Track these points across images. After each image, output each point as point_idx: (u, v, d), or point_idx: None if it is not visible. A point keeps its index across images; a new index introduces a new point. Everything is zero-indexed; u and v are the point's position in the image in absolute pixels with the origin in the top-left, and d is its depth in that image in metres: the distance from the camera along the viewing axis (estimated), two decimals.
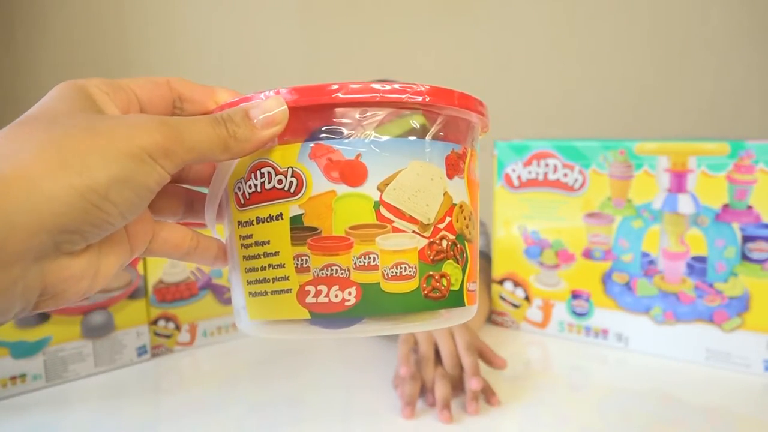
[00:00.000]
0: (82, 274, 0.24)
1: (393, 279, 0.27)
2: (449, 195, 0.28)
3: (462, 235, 0.29)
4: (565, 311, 0.73)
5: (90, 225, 0.22)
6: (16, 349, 0.58)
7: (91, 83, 0.26)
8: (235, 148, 0.26)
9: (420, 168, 0.28)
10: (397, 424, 0.52)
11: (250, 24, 1.38)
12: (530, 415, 0.53)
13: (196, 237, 0.30)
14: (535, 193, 0.73)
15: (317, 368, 0.65)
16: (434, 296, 0.28)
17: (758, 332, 0.61)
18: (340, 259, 0.27)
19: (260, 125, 0.26)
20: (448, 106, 0.28)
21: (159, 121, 0.23)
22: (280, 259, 0.28)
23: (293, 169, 0.27)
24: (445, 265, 0.28)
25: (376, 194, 0.27)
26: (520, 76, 1.25)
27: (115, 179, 0.22)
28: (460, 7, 1.29)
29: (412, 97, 0.27)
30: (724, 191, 0.61)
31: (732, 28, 1.11)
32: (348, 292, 0.27)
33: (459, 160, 0.29)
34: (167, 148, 0.23)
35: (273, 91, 0.27)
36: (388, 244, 0.27)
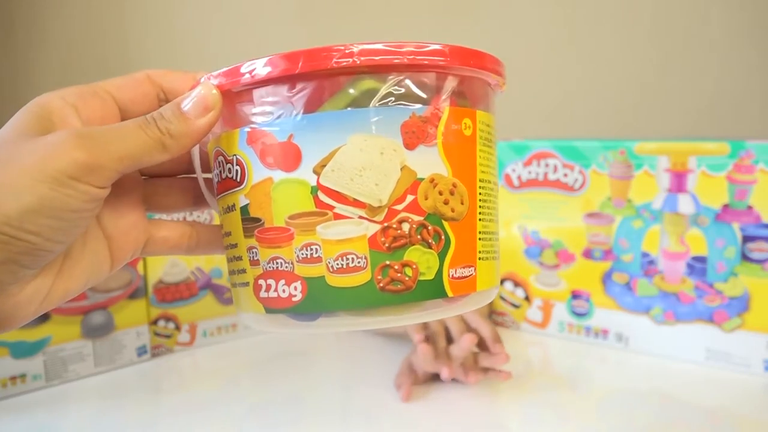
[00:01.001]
0: (29, 300, 0.23)
1: (339, 272, 0.24)
2: (410, 169, 0.24)
3: (437, 214, 0.25)
4: (565, 311, 0.73)
5: (21, 254, 0.22)
6: (16, 349, 0.58)
7: (57, 96, 0.25)
8: (174, 145, 0.24)
9: (363, 142, 0.24)
10: (398, 424, 0.52)
11: (250, 24, 1.38)
12: (530, 415, 0.53)
13: (195, 232, 0.30)
14: (535, 193, 0.73)
15: (317, 368, 0.65)
16: (394, 289, 0.24)
17: (758, 332, 0.61)
18: (283, 252, 0.25)
19: (194, 115, 0.25)
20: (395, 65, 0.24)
21: (79, 136, 0.22)
22: (239, 251, 0.26)
23: (236, 156, 0.25)
24: (409, 252, 0.24)
25: (312, 178, 0.24)
26: (520, 76, 1.25)
27: (26, 209, 0.21)
28: (460, 7, 1.29)
29: (340, 61, 0.23)
30: (724, 191, 0.61)
31: (732, 28, 1.11)
32: (294, 287, 0.25)
33: (425, 125, 0.24)
34: (92, 163, 0.22)
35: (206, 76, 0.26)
36: (330, 233, 0.24)
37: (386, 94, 0.24)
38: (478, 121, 0.26)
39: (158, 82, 0.28)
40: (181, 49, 1.41)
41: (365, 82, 0.24)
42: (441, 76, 0.25)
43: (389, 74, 0.24)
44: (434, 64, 0.24)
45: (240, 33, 1.39)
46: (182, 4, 1.40)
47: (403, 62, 0.24)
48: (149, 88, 0.28)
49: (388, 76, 0.24)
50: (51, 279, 0.24)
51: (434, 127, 0.25)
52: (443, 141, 0.25)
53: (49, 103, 0.25)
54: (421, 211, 0.24)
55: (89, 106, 0.26)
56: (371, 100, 0.24)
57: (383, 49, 0.23)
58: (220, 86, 0.25)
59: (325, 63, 0.23)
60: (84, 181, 0.22)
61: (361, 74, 0.24)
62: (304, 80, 0.24)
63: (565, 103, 1.24)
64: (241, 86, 0.25)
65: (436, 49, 0.24)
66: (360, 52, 0.23)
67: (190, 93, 0.25)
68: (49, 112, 0.25)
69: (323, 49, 0.23)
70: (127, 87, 0.28)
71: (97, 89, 0.27)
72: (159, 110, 0.25)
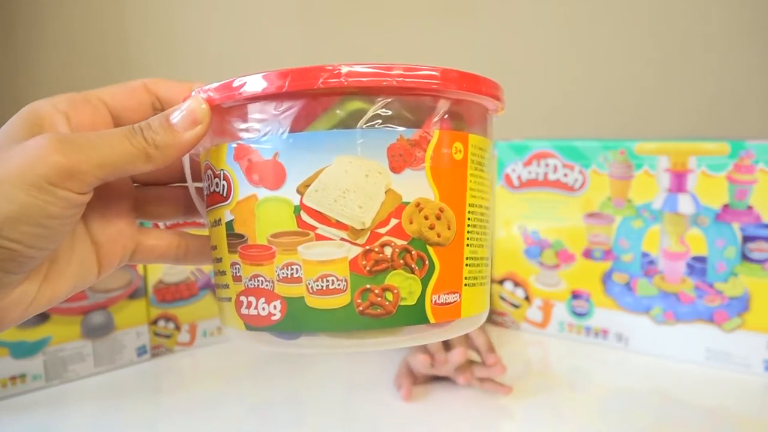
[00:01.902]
0: (15, 305, 0.23)
1: (319, 293, 0.24)
2: (395, 192, 0.24)
3: (422, 239, 0.24)
4: (565, 311, 0.73)
5: (4, 261, 0.22)
6: (16, 349, 0.58)
7: (48, 103, 0.25)
8: (158, 156, 0.24)
9: (348, 164, 0.23)
10: (397, 424, 0.52)
11: (250, 24, 1.38)
12: (530, 415, 0.53)
13: (185, 242, 0.30)
14: (535, 193, 0.73)
15: (317, 368, 0.65)
16: (374, 313, 0.24)
17: (758, 332, 0.61)
18: (264, 270, 0.24)
19: (181, 128, 0.24)
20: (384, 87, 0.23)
21: (61, 140, 0.22)
22: (223, 266, 0.26)
23: (224, 171, 0.25)
24: (391, 277, 0.24)
25: (296, 198, 0.24)
26: (520, 76, 1.25)
27: (5, 217, 0.21)
28: (460, 7, 1.29)
29: (328, 81, 0.23)
30: (724, 191, 0.61)
31: (732, 28, 1.11)
32: (273, 305, 0.24)
33: (413, 148, 0.24)
34: (71, 168, 0.22)
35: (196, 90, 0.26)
36: (311, 253, 0.24)
37: (373, 116, 0.24)
38: (470, 145, 0.26)
39: (154, 90, 0.28)
40: (181, 50, 1.41)
41: (353, 103, 0.24)
42: (432, 99, 0.25)
43: (377, 96, 0.24)
44: (424, 87, 0.24)
45: (240, 33, 1.39)
46: (182, 4, 1.40)
47: (391, 84, 0.23)
48: (144, 96, 0.28)
49: (377, 98, 0.24)
50: (37, 284, 0.24)
51: (422, 151, 0.24)
52: (431, 165, 0.25)
53: (39, 109, 0.25)
54: (405, 236, 0.24)
55: (80, 113, 0.26)
56: (358, 121, 0.24)
57: (371, 72, 0.23)
58: (210, 100, 0.25)
59: (313, 83, 0.23)
60: (63, 187, 0.22)
61: (350, 95, 0.24)
62: (291, 99, 0.24)
63: (565, 103, 1.24)
64: (230, 102, 0.25)
65: (426, 73, 0.24)
66: (348, 74, 0.23)
67: (180, 105, 0.25)
68: (40, 119, 0.24)
69: (311, 69, 0.23)
70: (121, 95, 0.27)
71: (89, 97, 0.26)
72: (147, 120, 0.25)
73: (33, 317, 0.60)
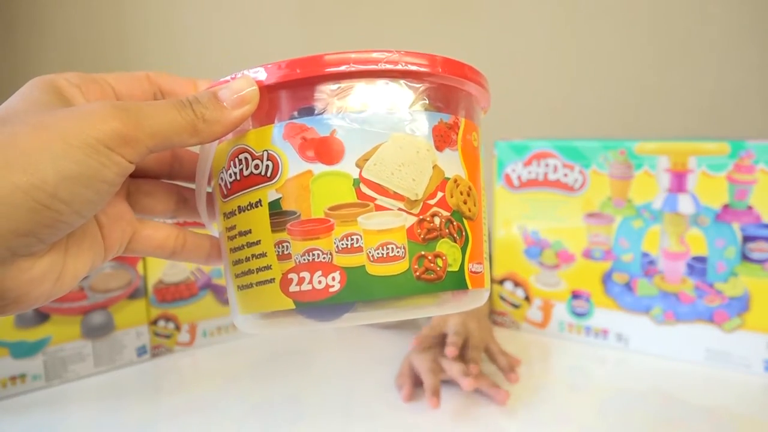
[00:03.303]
0: (44, 277, 0.23)
1: (379, 261, 0.25)
2: (440, 168, 0.26)
3: (459, 212, 0.27)
4: (565, 311, 0.73)
5: (42, 226, 0.21)
6: (16, 349, 0.58)
7: (61, 77, 0.25)
8: (205, 131, 0.24)
9: (403, 140, 0.26)
10: (397, 424, 0.52)
11: (250, 24, 1.38)
12: (530, 415, 0.53)
13: (182, 235, 0.29)
14: (535, 193, 0.73)
15: (317, 368, 0.65)
16: (428, 278, 0.26)
17: (758, 332, 0.61)
18: (321, 243, 0.25)
19: (230, 105, 0.25)
20: (430, 73, 0.26)
21: (116, 106, 0.22)
22: (262, 247, 0.26)
23: (268, 152, 0.26)
24: (440, 244, 0.26)
25: (355, 171, 0.25)
26: (520, 76, 1.25)
27: (64, 176, 0.21)
28: (460, 7, 1.29)
29: (387, 65, 0.25)
30: (724, 191, 0.61)
31: (732, 28, 1.11)
32: (332, 277, 0.25)
33: (450, 131, 0.27)
34: (127, 135, 0.22)
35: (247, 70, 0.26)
36: (372, 223, 0.25)
37: (420, 101, 0.26)
38: (479, 136, 0.29)
39: (157, 82, 0.28)
40: (180, 49, 1.41)
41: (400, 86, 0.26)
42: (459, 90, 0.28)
43: (423, 82, 0.26)
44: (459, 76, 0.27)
45: (240, 33, 1.39)
46: (182, 4, 1.40)
47: (437, 72, 0.26)
48: (147, 86, 0.28)
49: (422, 84, 0.26)
50: (62, 257, 0.24)
51: (455, 134, 0.27)
52: (462, 147, 0.27)
53: (54, 81, 0.25)
54: (448, 207, 0.26)
55: (90, 90, 0.26)
56: (407, 104, 0.26)
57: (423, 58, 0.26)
58: (259, 81, 0.26)
59: (374, 63, 0.25)
60: (118, 152, 0.22)
61: (401, 79, 0.26)
62: (349, 79, 0.25)
63: (565, 103, 1.24)
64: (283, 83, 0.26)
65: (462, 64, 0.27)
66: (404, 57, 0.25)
67: (229, 83, 0.25)
68: (61, 89, 0.24)
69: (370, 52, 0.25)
70: (125, 81, 0.27)
71: (97, 78, 0.27)
72: (195, 95, 0.25)
73: (32, 317, 0.60)
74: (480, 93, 0.29)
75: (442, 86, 0.27)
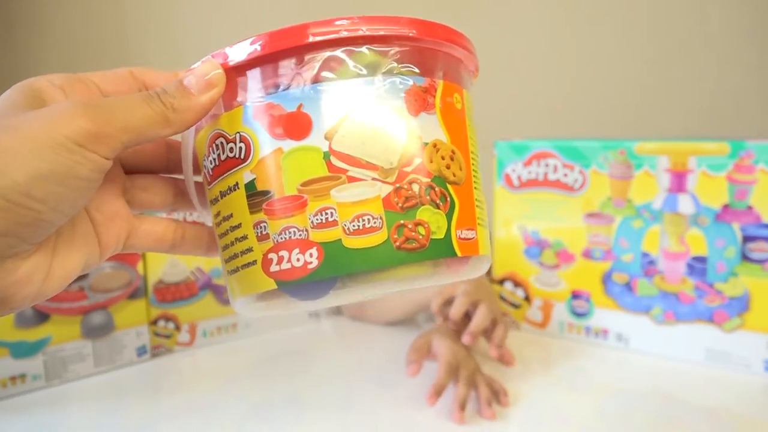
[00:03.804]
0: (29, 278, 0.23)
1: (355, 233, 0.24)
2: (415, 133, 0.25)
3: (441, 177, 0.26)
4: (566, 311, 0.73)
5: (22, 225, 0.21)
6: (16, 349, 0.58)
7: (44, 79, 0.25)
8: (177, 120, 0.24)
9: (372, 108, 0.25)
10: (397, 424, 0.52)
11: (250, 24, 1.38)
12: (530, 415, 0.53)
13: (181, 228, 0.29)
14: (535, 193, 0.73)
15: (317, 368, 0.65)
16: (410, 247, 0.25)
17: (758, 332, 0.61)
18: (296, 220, 0.25)
19: (197, 91, 0.25)
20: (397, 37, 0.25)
21: (85, 105, 0.22)
22: (243, 230, 0.26)
23: (240, 134, 0.26)
24: (421, 212, 0.25)
25: (324, 144, 0.24)
26: (520, 76, 1.25)
27: (34, 175, 0.21)
28: (460, 7, 1.29)
29: (349, 32, 0.24)
30: (724, 191, 0.61)
31: (732, 28, 1.11)
32: (309, 254, 0.25)
33: (425, 94, 0.26)
34: (97, 131, 0.22)
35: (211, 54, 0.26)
36: (345, 195, 0.24)
37: (390, 65, 0.25)
38: (465, 97, 0.28)
39: (141, 78, 0.28)
40: (181, 49, 1.41)
41: (371, 54, 0.25)
42: (435, 52, 0.27)
43: (392, 46, 0.25)
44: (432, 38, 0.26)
45: (240, 33, 1.39)
46: (182, 4, 1.40)
47: (406, 35, 0.25)
48: (131, 83, 0.28)
49: (392, 49, 0.25)
50: (48, 257, 0.24)
51: (432, 97, 0.26)
52: (441, 110, 0.26)
53: (36, 83, 0.25)
54: (427, 173, 0.25)
55: (75, 90, 0.26)
56: (375, 70, 0.25)
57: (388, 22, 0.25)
58: (224, 64, 0.25)
59: (335, 33, 0.24)
60: (90, 149, 0.22)
61: (367, 45, 0.25)
62: (312, 51, 0.25)
63: (565, 103, 1.24)
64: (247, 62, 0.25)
65: (435, 25, 0.26)
66: (366, 22, 0.24)
67: (193, 69, 0.25)
68: (40, 92, 0.25)
69: (330, 22, 0.24)
70: (110, 79, 0.27)
71: (81, 77, 0.27)
72: (162, 86, 0.25)
73: (32, 317, 0.60)
74: (462, 54, 0.28)
75: (414, 49, 0.26)
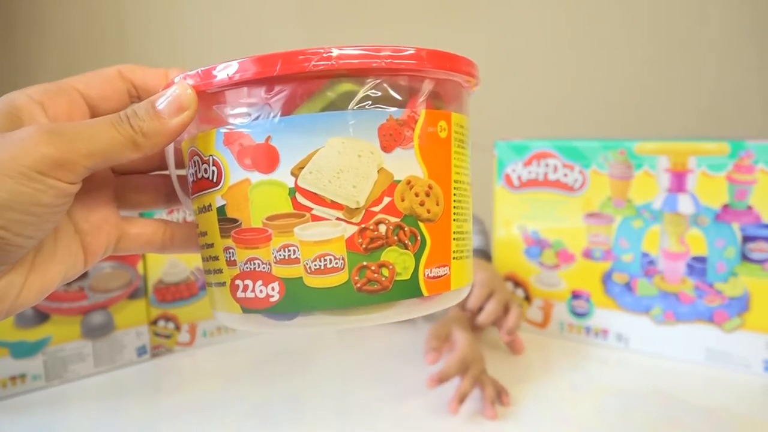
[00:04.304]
0: (2, 296, 0.23)
1: (317, 273, 0.24)
2: (387, 171, 0.24)
3: (413, 215, 0.25)
4: (566, 311, 0.73)
5: None
6: (16, 349, 0.58)
7: (23, 94, 0.25)
8: (146, 144, 0.24)
9: (341, 145, 0.24)
10: (397, 424, 0.52)
11: (250, 24, 1.38)
12: (530, 416, 0.53)
13: (170, 228, 0.29)
14: (535, 193, 0.73)
15: (317, 368, 0.65)
16: (371, 289, 0.24)
17: (758, 332, 0.61)
18: (260, 253, 0.25)
19: (167, 114, 0.24)
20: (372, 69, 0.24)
21: (49, 131, 0.22)
22: (215, 251, 0.26)
23: (213, 157, 0.25)
24: (386, 253, 0.25)
25: (290, 180, 0.24)
26: (520, 76, 1.25)
27: None
28: (460, 7, 1.29)
29: (318, 64, 0.23)
30: (724, 191, 0.61)
31: (732, 28, 1.11)
32: (271, 287, 0.25)
33: (402, 128, 0.25)
34: (60, 158, 0.22)
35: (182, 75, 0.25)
36: (308, 234, 0.24)
37: (363, 97, 0.24)
38: (453, 123, 0.27)
39: (129, 77, 0.28)
40: (181, 49, 1.41)
41: (343, 85, 0.24)
42: (417, 79, 0.26)
43: (367, 78, 0.24)
44: (411, 68, 0.25)
45: (240, 33, 1.39)
46: (182, 4, 1.40)
47: (381, 66, 0.24)
48: (119, 84, 0.28)
49: (366, 80, 0.24)
50: (23, 275, 0.24)
51: (411, 130, 0.25)
52: (419, 143, 0.25)
53: (15, 100, 0.25)
54: (397, 213, 0.25)
55: (56, 103, 0.26)
56: (349, 102, 0.24)
57: (361, 53, 0.24)
58: (196, 86, 0.25)
59: (303, 66, 0.23)
60: (52, 176, 0.22)
61: (339, 77, 0.24)
62: (281, 83, 0.24)
63: (565, 103, 1.24)
64: (217, 87, 0.25)
65: (413, 53, 0.25)
66: (338, 56, 0.23)
67: (165, 92, 0.25)
68: (17, 109, 0.24)
69: (301, 52, 0.23)
70: (96, 83, 0.27)
71: (63, 86, 0.26)
72: (133, 108, 0.25)
73: (32, 317, 0.60)
74: (453, 76, 0.27)
75: (393, 78, 0.25)
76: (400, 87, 0.25)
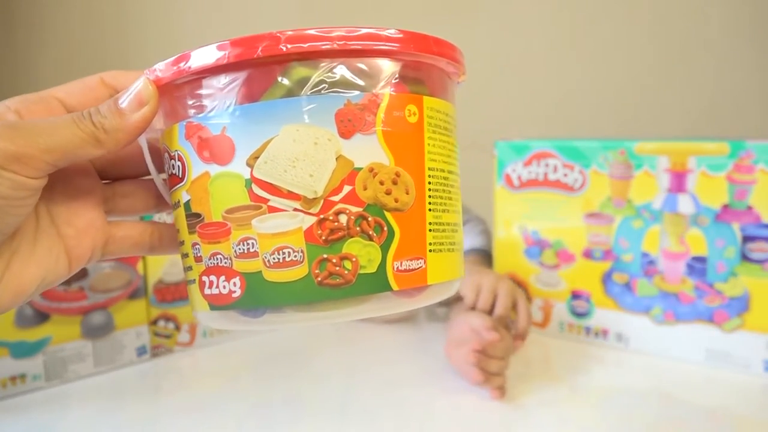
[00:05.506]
0: None
1: (275, 266, 0.23)
2: (346, 158, 0.23)
3: (378, 205, 0.23)
4: (566, 311, 0.73)
5: None
6: (16, 349, 0.58)
7: (2, 105, 0.25)
8: (108, 141, 0.24)
9: (296, 132, 0.23)
10: (396, 424, 0.52)
11: (250, 24, 1.38)
12: (530, 415, 0.53)
13: (157, 229, 0.29)
14: (535, 193, 0.73)
15: (317, 368, 0.65)
16: (333, 283, 0.23)
17: (758, 332, 0.61)
18: (221, 247, 0.24)
19: (128, 110, 0.24)
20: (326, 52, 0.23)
21: (6, 127, 0.23)
22: (186, 248, 0.26)
23: (177, 152, 0.25)
24: (348, 245, 0.23)
25: (246, 171, 0.23)
26: (520, 76, 1.25)
27: None
28: (460, 7, 1.29)
29: (268, 49, 0.22)
30: (724, 191, 0.61)
31: (732, 28, 1.11)
32: (233, 282, 0.24)
33: (362, 113, 0.23)
34: (18, 153, 0.22)
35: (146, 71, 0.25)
36: (265, 226, 0.23)
37: (319, 82, 0.23)
38: (426, 107, 0.25)
39: (112, 84, 0.28)
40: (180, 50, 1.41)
41: (297, 71, 0.23)
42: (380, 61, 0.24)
43: (321, 61, 0.23)
44: (367, 49, 0.23)
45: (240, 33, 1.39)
46: (182, 4, 1.40)
47: (333, 48, 0.23)
48: (102, 91, 0.28)
49: (320, 63, 0.23)
50: None
51: (372, 115, 0.23)
52: (384, 129, 0.24)
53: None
54: (359, 202, 0.23)
55: (32, 110, 0.26)
56: (303, 88, 0.23)
57: (312, 35, 0.22)
58: (157, 80, 0.24)
59: (252, 51, 0.22)
60: (10, 169, 0.22)
61: (293, 62, 0.23)
62: (235, 71, 0.23)
63: (565, 103, 1.24)
64: (177, 78, 0.24)
65: (367, 33, 0.23)
66: (288, 39, 0.22)
67: (128, 88, 0.25)
68: None
69: (251, 38, 0.22)
70: (77, 92, 0.27)
71: (44, 95, 0.27)
72: (98, 106, 0.25)
73: (32, 317, 0.60)
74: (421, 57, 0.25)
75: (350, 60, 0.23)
76: (360, 70, 0.24)
